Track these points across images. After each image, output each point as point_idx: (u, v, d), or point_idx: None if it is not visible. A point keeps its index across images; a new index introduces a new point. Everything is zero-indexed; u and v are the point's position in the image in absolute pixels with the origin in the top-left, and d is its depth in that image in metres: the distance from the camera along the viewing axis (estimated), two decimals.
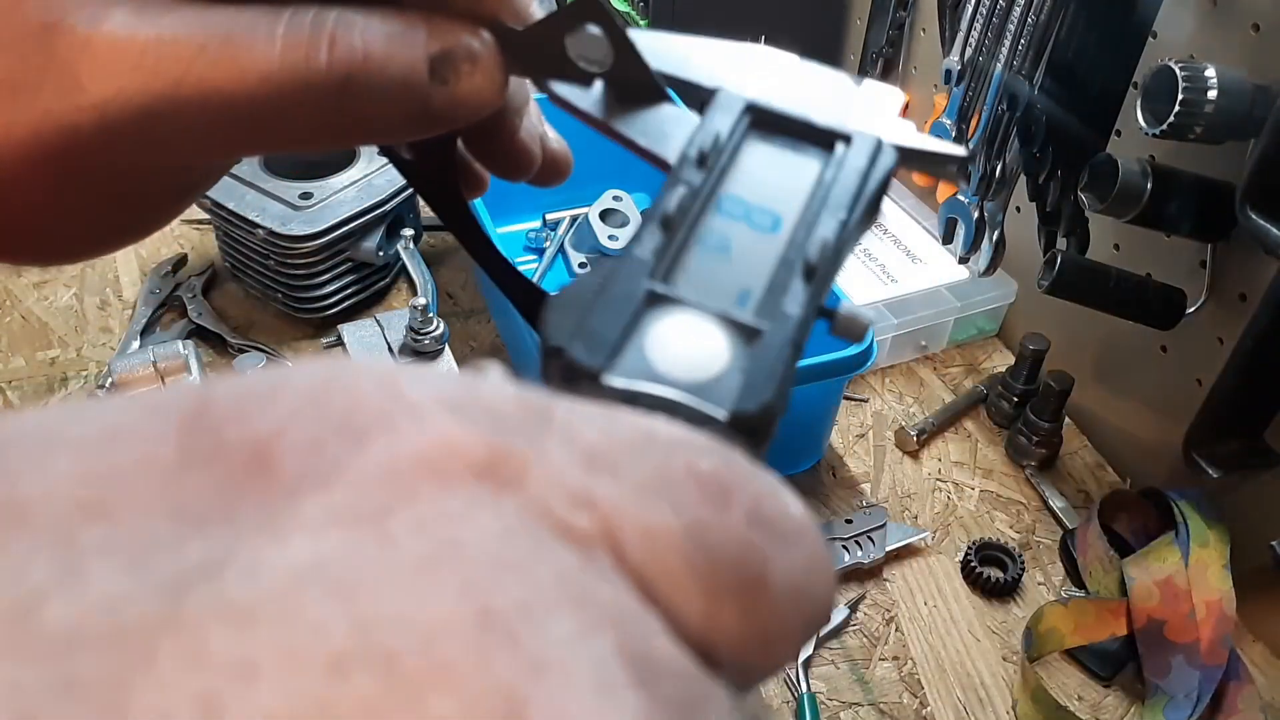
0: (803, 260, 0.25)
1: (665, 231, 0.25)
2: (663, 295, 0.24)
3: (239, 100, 0.25)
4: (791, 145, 0.28)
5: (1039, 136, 0.83)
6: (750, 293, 0.25)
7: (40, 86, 0.24)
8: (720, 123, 0.28)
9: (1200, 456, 0.71)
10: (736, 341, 0.23)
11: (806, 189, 0.27)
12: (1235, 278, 0.71)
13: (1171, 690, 0.69)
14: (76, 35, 0.23)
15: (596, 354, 0.22)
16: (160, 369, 0.65)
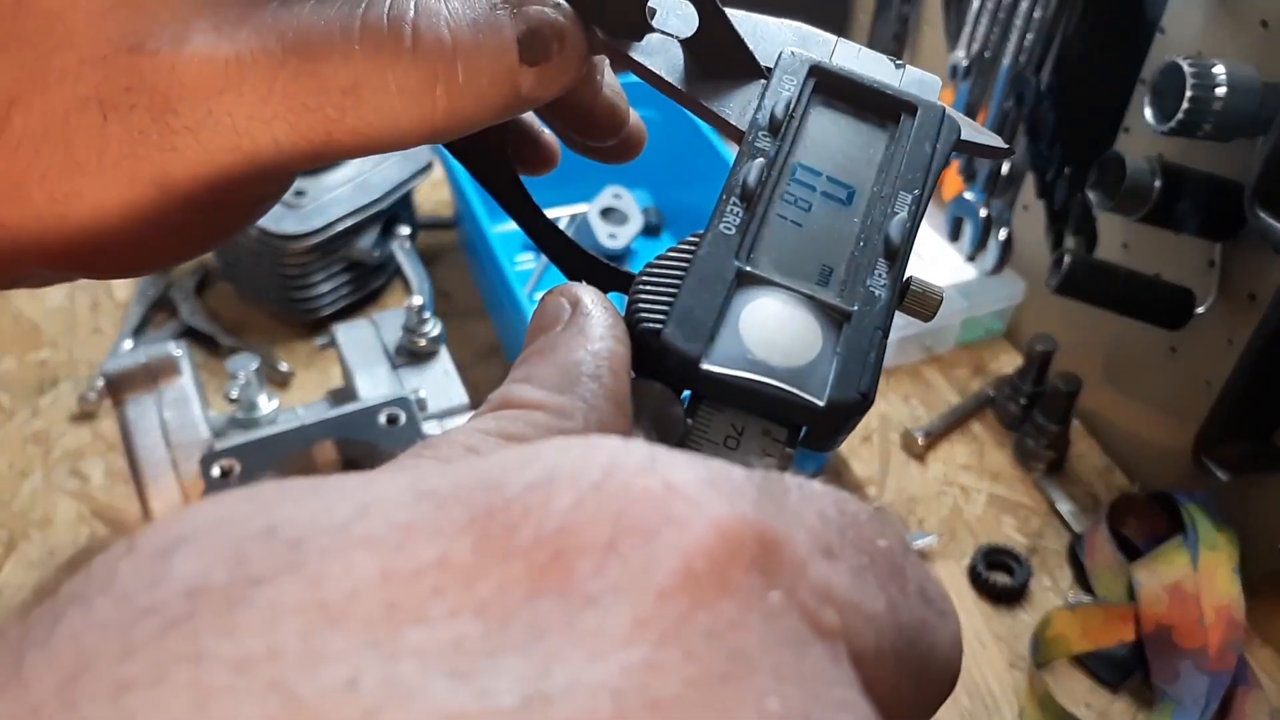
0: (884, 239, 0.25)
1: (746, 205, 0.25)
2: (750, 274, 0.24)
3: (326, 106, 0.25)
4: (856, 112, 0.28)
5: (1046, 133, 0.82)
6: (833, 270, 0.25)
7: (131, 107, 0.24)
8: (786, 85, 0.28)
9: (1209, 459, 0.70)
10: (827, 325, 0.24)
11: (877, 159, 0.27)
12: (1245, 277, 0.70)
13: (1179, 696, 0.68)
14: (161, 58, 0.24)
15: (694, 339, 0.23)
16: (152, 370, 0.64)
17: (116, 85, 0.24)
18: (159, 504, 0.58)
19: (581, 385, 0.21)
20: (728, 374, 0.22)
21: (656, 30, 0.28)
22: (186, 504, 0.58)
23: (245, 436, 0.59)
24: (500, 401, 0.21)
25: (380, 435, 0.58)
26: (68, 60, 0.24)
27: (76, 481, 0.82)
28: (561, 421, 0.20)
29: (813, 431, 0.23)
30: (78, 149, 0.24)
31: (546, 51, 0.27)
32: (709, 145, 0.95)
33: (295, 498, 0.15)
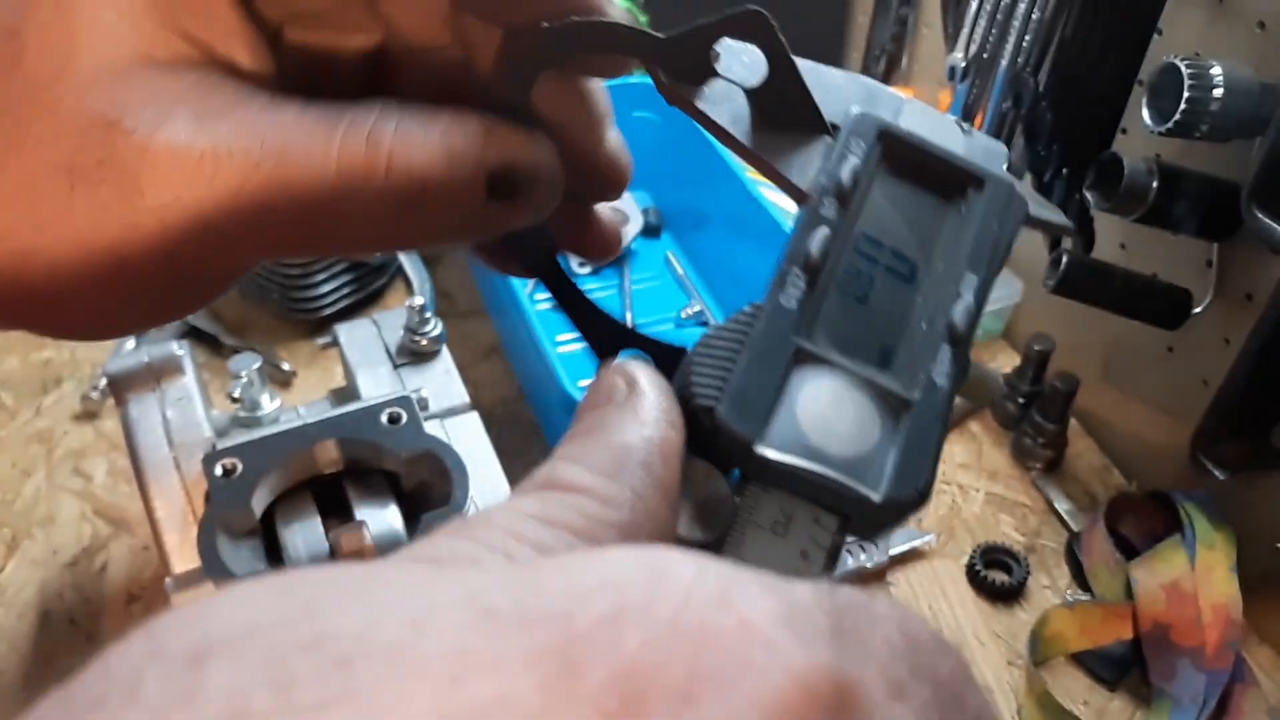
0: (947, 323, 0.24)
1: (809, 277, 0.24)
2: (810, 353, 0.23)
3: (294, 214, 0.25)
4: (924, 182, 0.27)
5: (1044, 134, 0.82)
6: (894, 352, 0.24)
7: (100, 181, 0.24)
8: (855, 149, 0.26)
9: (1207, 458, 0.70)
10: (885, 412, 0.23)
11: (943, 235, 0.26)
12: (1242, 277, 0.71)
13: (1177, 694, 0.69)
14: (135, 138, 0.24)
15: (749, 420, 0.22)
16: (154, 370, 0.64)
17: (89, 158, 0.24)
18: (161, 503, 0.58)
19: (630, 471, 0.20)
20: (783, 460, 0.21)
21: (721, 77, 0.27)
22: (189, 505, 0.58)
23: (247, 435, 0.59)
24: (545, 481, 0.21)
25: (382, 434, 0.58)
26: (46, 127, 0.24)
27: (79, 480, 0.82)
28: (607, 511, 0.20)
29: (861, 523, 0.22)
30: (41, 212, 0.24)
31: (515, 191, 0.27)
32: (709, 146, 0.95)
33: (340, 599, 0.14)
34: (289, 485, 0.57)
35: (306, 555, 0.55)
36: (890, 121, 0.27)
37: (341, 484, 0.58)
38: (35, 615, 0.73)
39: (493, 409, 0.89)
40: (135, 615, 0.73)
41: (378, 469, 0.59)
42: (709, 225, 0.98)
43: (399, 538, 0.56)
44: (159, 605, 0.74)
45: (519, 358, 0.91)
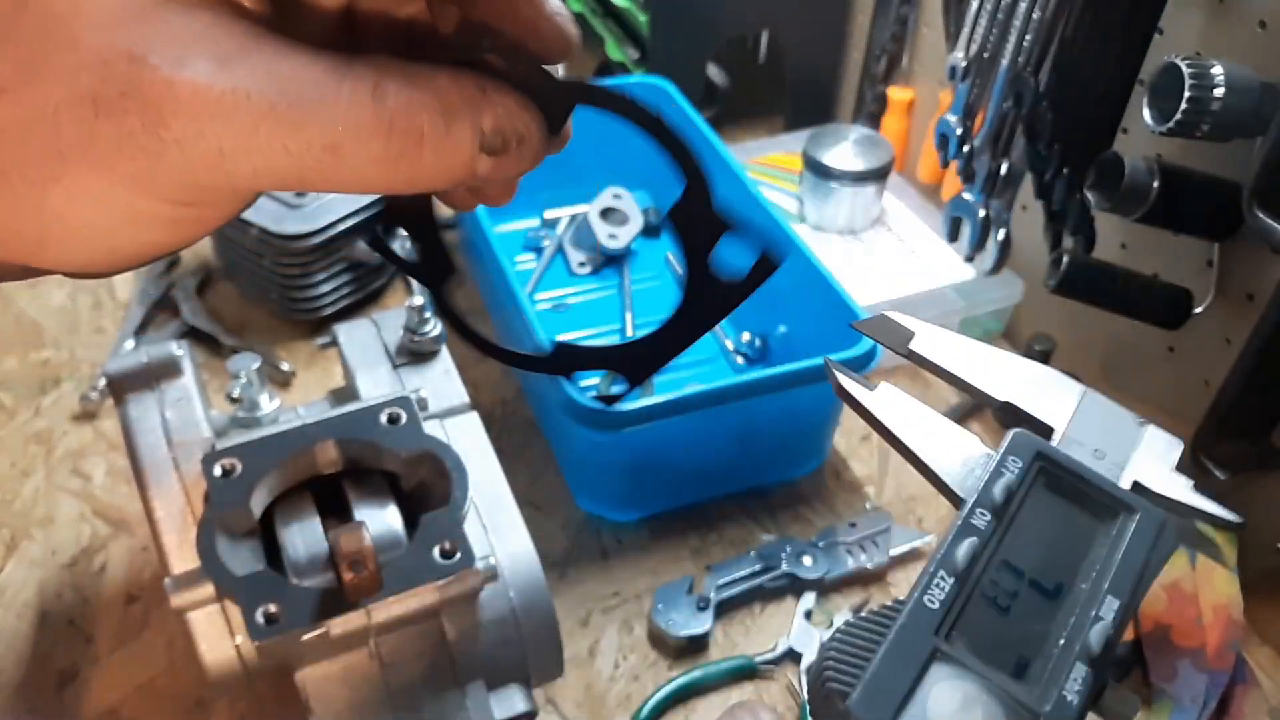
0: (1085, 645, 0.25)
1: (955, 582, 0.25)
2: (947, 654, 0.24)
3: (299, 153, 0.27)
4: (1076, 501, 0.28)
5: (1045, 134, 0.82)
6: (1029, 664, 0.25)
7: (124, 111, 0.25)
8: (1011, 467, 0.28)
9: (1207, 458, 0.70)
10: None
11: (1089, 558, 0.27)
12: (1243, 277, 0.71)
13: (1178, 695, 0.69)
14: (160, 75, 0.25)
15: (880, 712, 0.22)
16: (154, 370, 0.64)
17: (112, 89, 0.25)
18: (160, 503, 0.58)
19: None
20: None
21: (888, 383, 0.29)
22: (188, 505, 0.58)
23: (247, 436, 0.59)
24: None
25: (381, 434, 0.58)
26: (66, 62, 0.25)
27: (78, 481, 0.82)
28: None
29: None
30: (64, 138, 0.25)
31: (506, 148, 0.30)
32: (709, 146, 0.95)
33: None
34: (288, 485, 0.57)
35: (306, 556, 0.54)
36: (1046, 446, 0.28)
37: (341, 484, 0.58)
38: (34, 615, 0.73)
39: (492, 409, 0.89)
40: (134, 616, 0.73)
41: (377, 469, 0.59)
42: None
43: (398, 538, 0.56)
44: (158, 606, 0.74)
45: None
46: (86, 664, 0.70)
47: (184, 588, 0.53)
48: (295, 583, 0.53)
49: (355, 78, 0.27)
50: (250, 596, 0.51)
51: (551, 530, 0.80)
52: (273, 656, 0.53)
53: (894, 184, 1.05)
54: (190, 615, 0.53)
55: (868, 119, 1.10)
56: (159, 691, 0.69)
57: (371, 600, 0.52)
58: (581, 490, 0.83)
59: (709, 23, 1.10)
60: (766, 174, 1.08)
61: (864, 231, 1.02)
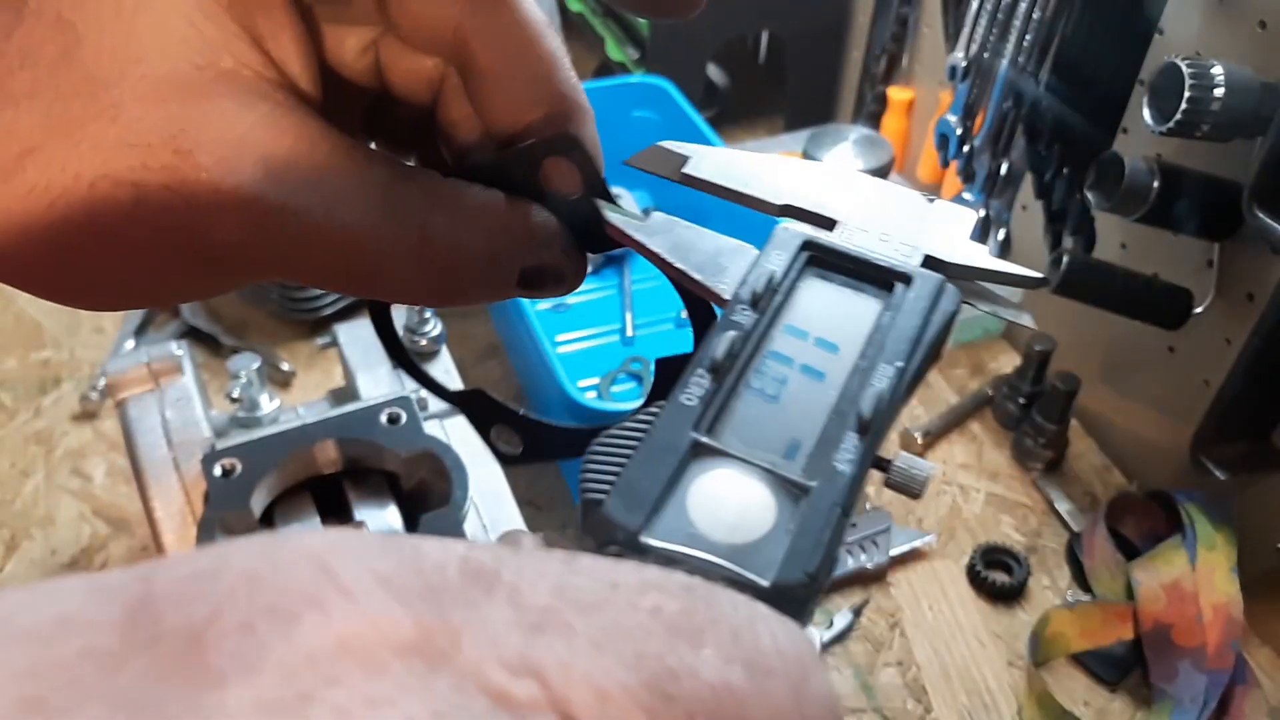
0: (855, 412, 0.24)
1: (713, 377, 0.24)
2: (707, 446, 0.23)
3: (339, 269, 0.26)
4: (849, 283, 0.27)
5: (1045, 134, 0.82)
6: (800, 445, 0.24)
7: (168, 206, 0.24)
8: (775, 261, 0.27)
9: (1208, 458, 0.70)
10: (784, 500, 0.23)
11: (863, 333, 0.26)
12: (1243, 277, 0.71)
13: (1178, 695, 0.69)
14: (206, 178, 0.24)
15: (635, 512, 0.22)
16: (154, 370, 0.64)
17: (156, 178, 0.24)
18: (161, 503, 0.58)
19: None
20: (668, 548, 0.21)
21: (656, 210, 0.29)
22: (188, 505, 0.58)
23: (247, 436, 0.59)
24: None
25: (381, 434, 0.58)
26: (106, 133, 0.24)
27: (78, 481, 0.82)
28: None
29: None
30: (99, 215, 0.24)
31: (542, 286, 0.30)
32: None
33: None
34: (288, 485, 0.57)
35: None
36: (814, 233, 0.28)
37: (341, 484, 0.58)
38: None
39: None
40: None
41: (377, 469, 0.59)
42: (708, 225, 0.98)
43: None
44: None
45: (519, 358, 0.91)
46: None
47: None
48: None
49: (404, 210, 0.26)
50: None
51: (551, 530, 0.80)
52: None
53: None
54: None
55: (868, 119, 1.10)
56: None
57: None
58: None
59: (709, 23, 1.10)
60: None
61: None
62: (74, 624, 0.14)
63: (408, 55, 0.30)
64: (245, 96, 0.25)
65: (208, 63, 0.24)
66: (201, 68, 0.24)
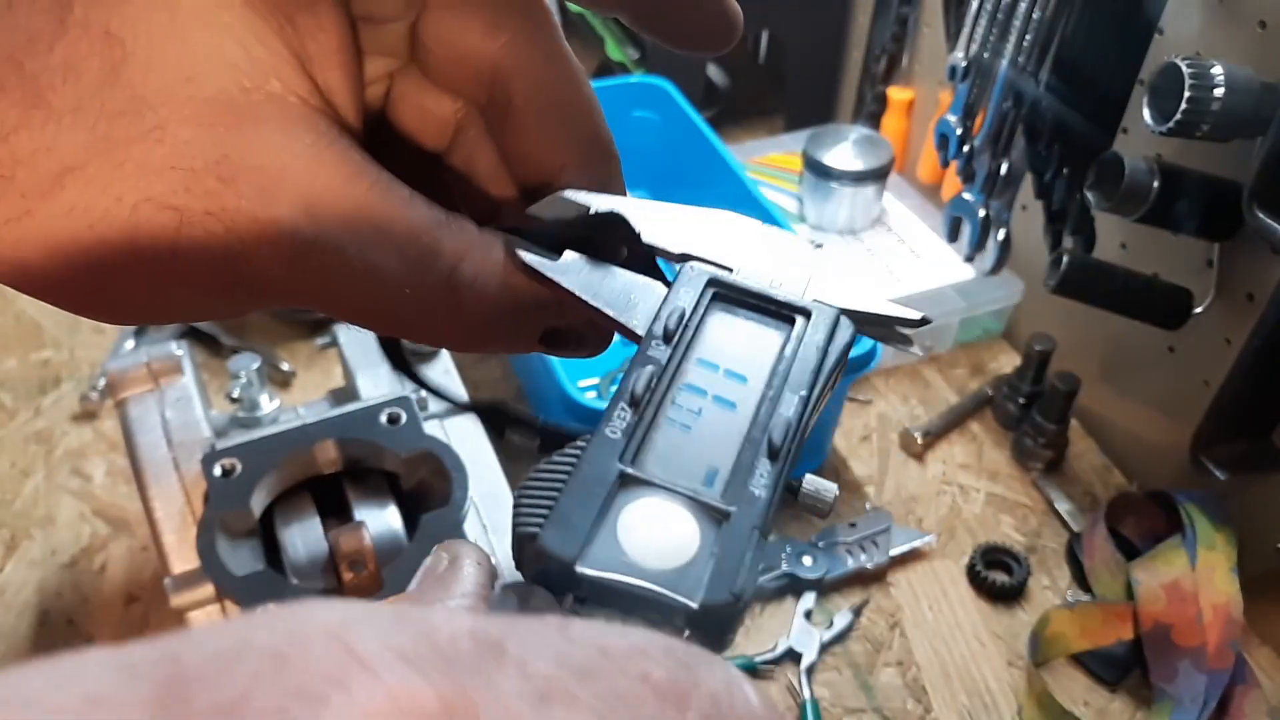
0: (766, 440, 0.26)
1: (634, 410, 0.26)
2: (633, 477, 0.25)
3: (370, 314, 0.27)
4: (754, 318, 0.29)
5: (1045, 134, 0.82)
6: (717, 472, 0.25)
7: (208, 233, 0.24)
8: (685, 298, 0.29)
9: (1208, 458, 0.70)
10: (706, 525, 0.24)
11: (768, 364, 0.28)
12: (1243, 277, 0.71)
13: (1178, 695, 0.69)
14: (246, 208, 0.24)
15: (569, 542, 0.23)
16: (154, 370, 0.64)
17: (198, 205, 0.24)
18: (160, 503, 0.58)
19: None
20: (602, 576, 0.23)
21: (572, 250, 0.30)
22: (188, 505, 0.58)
23: (247, 436, 0.59)
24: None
25: (381, 434, 0.58)
26: (151, 154, 0.23)
27: (78, 481, 0.82)
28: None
29: (694, 633, 0.24)
30: (141, 241, 0.24)
31: (562, 347, 0.30)
32: (709, 146, 0.95)
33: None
34: (288, 485, 0.57)
35: (306, 556, 0.54)
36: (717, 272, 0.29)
37: (341, 484, 0.58)
38: (34, 615, 0.73)
39: None
40: (134, 616, 0.73)
41: (377, 469, 0.59)
42: None
43: (398, 538, 0.56)
44: (158, 606, 0.74)
45: (519, 357, 0.91)
46: None
47: (184, 588, 0.53)
48: (295, 583, 0.53)
49: (434, 257, 0.26)
50: (250, 597, 0.51)
51: None
52: None
53: (894, 184, 1.05)
54: (190, 615, 0.53)
55: (868, 119, 1.10)
56: None
57: (372, 600, 0.52)
58: None
59: None
60: (766, 174, 1.07)
61: (864, 231, 1.02)
62: (104, 704, 0.14)
63: (428, 92, 0.30)
64: (290, 124, 0.25)
65: (255, 86, 0.24)
66: (249, 90, 0.24)
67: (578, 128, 0.29)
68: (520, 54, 0.28)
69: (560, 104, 0.29)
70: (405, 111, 0.30)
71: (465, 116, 0.30)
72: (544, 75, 0.28)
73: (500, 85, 0.28)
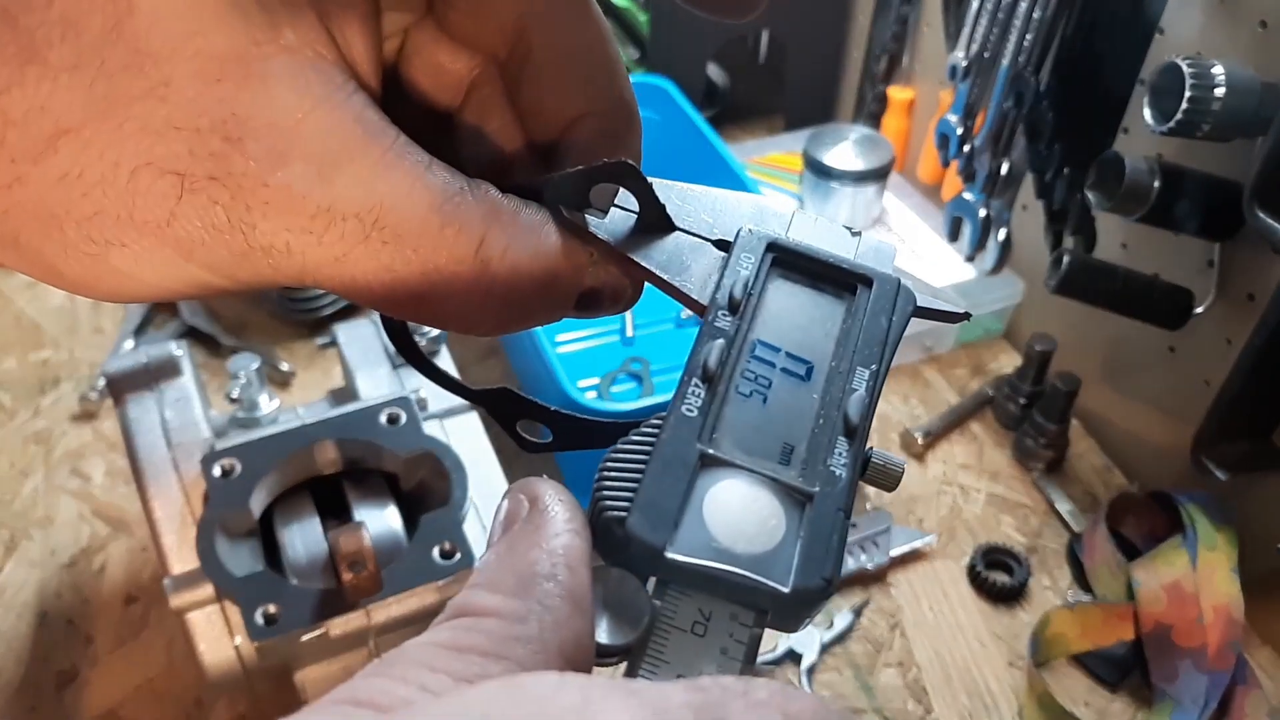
0: (843, 417, 0.26)
1: (708, 386, 0.25)
2: (714, 457, 0.24)
3: (387, 292, 0.25)
4: (814, 285, 0.29)
5: (1046, 134, 0.82)
6: (794, 449, 0.25)
7: (212, 200, 0.22)
8: (745, 264, 0.28)
9: (1208, 458, 0.70)
10: (790, 508, 0.24)
11: (834, 333, 0.27)
12: (1243, 277, 0.71)
13: (1178, 696, 0.68)
14: (254, 169, 0.22)
15: (659, 529, 0.23)
16: (153, 370, 0.64)
17: (201, 168, 0.22)
18: (160, 504, 0.58)
19: (537, 587, 0.21)
20: (693, 563, 0.23)
21: (618, 207, 0.29)
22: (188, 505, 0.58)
23: (246, 436, 0.59)
24: (458, 609, 0.21)
25: (381, 435, 0.58)
26: (153, 113, 0.22)
27: (77, 481, 0.82)
28: (515, 627, 0.21)
29: (778, 615, 0.24)
30: (138, 208, 0.22)
31: (598, 308, 0.29)
32: (709, 146, 0.95)
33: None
34: (288, 486, 0.57)
35: (305, 556, 0.54)
36: (777, 235, 0.29)
37: (340, 484, 0.58)
38: (33, 616, 0.73)
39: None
40: (133, 616, 0.73)
41: (377, 469, 0.59)
42: None
43: (398, 538, 0.55)
44: (158, 606, 0.73)
45: (519, 358, 0.91)
46: (86, 664, 0.70)
47: (183, 588, 0.53)
48: (295, 583, 0.53)
49: (461, 224, 0.24)
50: (250, 597, 0.51)
51: None
52: (272, 657, 0.53)
53: (894, 184, 1.05)
54: (190, 616, 0.53)
55: (868, 119, 1.10)
56: (158, 692, 0.69)
57: (371, 601, 0.52)
58: (581, 490, 0.82)
59: (709, 23, 1.09)
60: (767, 174, 1.07)
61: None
62: None
63: (444, 49, 0.29)
64: (303, 80, 0.23)
65: (268, 39, 0.22)
66: (261, 44, 0.22)
67: (599, 80, 0.29)
68: (549, 6, 0.27)
69: (583, 56, 0.28)
70: (419, 68, 0.29)
71: (481, 73, 0.29)
72: (568, 26, 0.28)
73: (523, 37, 0.28)
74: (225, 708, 0.68)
